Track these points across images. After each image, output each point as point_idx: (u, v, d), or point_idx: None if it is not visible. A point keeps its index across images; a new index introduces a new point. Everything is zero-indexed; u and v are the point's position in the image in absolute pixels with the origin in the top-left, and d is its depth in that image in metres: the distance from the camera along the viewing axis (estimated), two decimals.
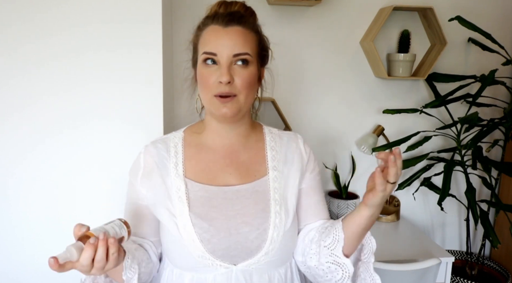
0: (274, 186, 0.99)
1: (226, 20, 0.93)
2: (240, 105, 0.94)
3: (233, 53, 0.92)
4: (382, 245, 1.71)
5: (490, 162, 1.77)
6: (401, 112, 1.85)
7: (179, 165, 1.00)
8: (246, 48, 0.93)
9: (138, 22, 1.35)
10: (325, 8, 1.87)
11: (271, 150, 1.04)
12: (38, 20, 1.31)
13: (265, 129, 1.09)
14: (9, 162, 1.38)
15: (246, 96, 0.94)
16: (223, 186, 0.98)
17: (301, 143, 1.08)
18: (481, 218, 1.68)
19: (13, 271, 1.44)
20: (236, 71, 0.93)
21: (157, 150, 1.01)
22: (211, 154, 1.02)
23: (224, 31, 0.93)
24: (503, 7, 2.01)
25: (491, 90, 1.99)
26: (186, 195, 0.96)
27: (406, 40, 1.89)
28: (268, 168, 1.01)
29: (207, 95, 0.94)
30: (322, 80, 1.94)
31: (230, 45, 0.92)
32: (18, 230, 1.42)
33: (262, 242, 0.94)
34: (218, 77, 0.91)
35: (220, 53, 0.92)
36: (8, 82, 1.34)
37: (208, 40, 0.94)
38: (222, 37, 0.92)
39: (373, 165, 2.06)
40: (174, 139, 1.04)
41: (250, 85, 0.94)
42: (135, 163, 1.03)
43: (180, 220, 0.94)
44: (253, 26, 0.97)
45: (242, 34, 0.93)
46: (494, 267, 2.02)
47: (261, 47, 0.99)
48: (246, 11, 1.00)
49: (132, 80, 1.38)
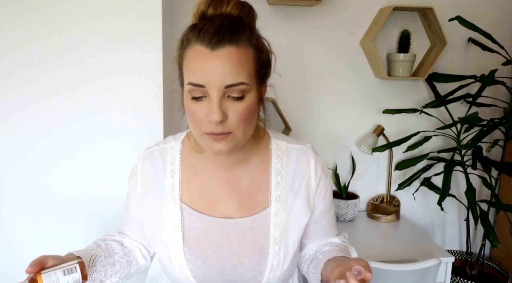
0: (275, 222, 0.90)
1: (215, 41, 0.75)
2: (236, 141, 0.81)
3: (225, 84, 0.75)
4: (382, 245, 1.71)
5: (490, 162, 1.77)
6: (401, 112, 1.85)
7: (176, 188, 0.91)
8: (241, 76, 0.76)
9: (138, 18, 1.35)
10: (325, 8, 1.87)
11: (276, 175, 0.92)
12: (38, 16, 1.31)
13: (272, 143, 0.95)
14: (8, 161, 1.38)
15: (244, 131, 0.80)
16: (221, 217, 0.90)
17: (313, 164, 0.93)
18: (481, 218, 1.68)
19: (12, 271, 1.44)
20: (230, 105, 0.77)
21: (154, 167, 0.93)
22: (210, 179, 0.92)
23: (212, 56, 0.75)
24: (503, 7, 2.00)
25: (491, 90, 1.99)
26: (181, 224, 0.90)
27: (406, 40, 1.89)
28: (270, 200, 0.91)
29: (197, 132, 0.81)
30: (322, 80, 1.94)
31: (221, 73, 0.75)
32: (17, 230, 1.42)
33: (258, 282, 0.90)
34: (208, 114, 0.77)
35: (209, 84, 0.75)
36: (8, 81, 1.34)
37: (193, 67, 0.77)
38: (210, 64, 0.75)
39: (373, 165, 2.06)
40: (171, 153, 0.94)
41: (248, 118, 0.80)
42: (133, 177, 0.96)
43: (173, 253, 0.90)
44: (249, 40, 0.79)
45: (236, 56, 0.76)
46: (494, 267, 2.02)
47: (261, 64, 0.82)
48: (242, 9, 0.82)
49: (132, 76, 1.38)
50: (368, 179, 2.07)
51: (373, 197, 2.08)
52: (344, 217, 1.92)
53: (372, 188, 2.08)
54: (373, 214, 1.99)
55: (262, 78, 0.85)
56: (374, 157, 2.05)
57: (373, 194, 2.09)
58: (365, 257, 1.52)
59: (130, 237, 1.03)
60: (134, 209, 0.98)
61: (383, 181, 2.08)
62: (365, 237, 1.80)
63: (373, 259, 1.46)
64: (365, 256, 1.56)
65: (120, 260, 0.98)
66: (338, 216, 1.92)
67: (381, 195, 2.06)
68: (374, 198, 2.07)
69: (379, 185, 2.09)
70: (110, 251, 0.97)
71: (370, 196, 2.09)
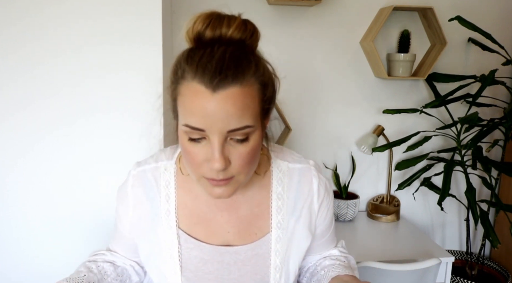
0: (276, 249, 0.85)
1: (217, 81, 0.65)
2: (239, 184, 0.74)
3: (228, 129, 0.67)
4: (382, 245, 1.71)
5: (490, 162, 1.77)
6: (401, 112, 1.85)
7: (172, 213, 0.85)
8: (245, 119, 0.68)
9: (138, 18, 1.35)
10: (325, 8, 1.87)
11: (277, 199, 0.86)
12: (37, 16, 1.31)
13: (273, 166, 0.88)
14: (8, 161, 1.38)
15: (246, 174, 0.74)
16: (220, 245, 0.86)
17: (315, 185, 0.88)
18: (481, 218, 1.68)
19: (12, 271, 1.44)
20: (232, 149, 0.70)
21: (146, 190, 0.86)
22: (208, 204, 0.86)
23: (213, 98, 0.65)
24: (503, 7, 2.00)
25: (491, 90, 1.99)
26: (179, 253, 0.85)
27: (406, 40, 1.89)
28: (271, 226, 0.86)
29: (195, 174, 0.74)
30: (322, 80, 1.94)
31: (224, 118, 0.66)
32: (16, 230, 1.42)
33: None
34: (208, 159, 0.69)
35: (209, 129, 0.67)
36: (8, 81, 1.34)
37: (190, 108, 0.67)
38: (212, 107, 0.65)
39: (373, 165, 2.06)
40: (165, 174, 0.87)
41: (252, 160, 0.73)
42: (123, 197, 0.89)
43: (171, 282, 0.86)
44: (255, 75, 0.69)
45: (241, 98, 0.66)
46: (494, 267, 2.02)
47: (266, 99, 0.73)
48: (245, 31, 0.70)
49: (132, 76, 1.38)
50: (368, 179, 2.07)
51: (373, 197, 2.08)
52: (344, 217, 1.92)
53: (372, 188, 2.08)
54: (373, 214, 1.99)
55: (267, 113, 0.76)
56: (374, 157, 2.05)
57: (373, 194, 2.09)
58: (365, 257, 1.52)
59: (122, 255, 0.97)
60: (126, 230, 0.91)
61: (383, 181, 2.09)
62: (365, 237, 1.80)
63: (373, 259, 1.46)
64: (365, 256, 1.56)
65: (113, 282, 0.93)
66: (338, 216, 1.92)
67: (381, 195, 2.06)
68: (374, 198, 2.07)
69: (379, 185, 2.09)
70: (102, 274, 0.91)
71: (370, 196, 2.09)
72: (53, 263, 1.46)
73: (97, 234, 1.45)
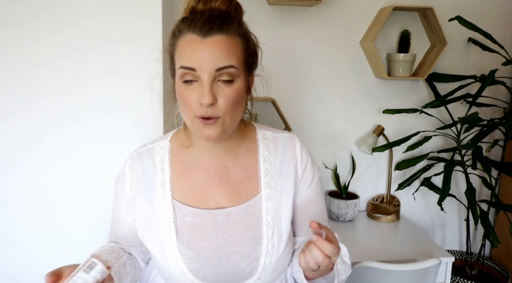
0: (266, 207, 0.92)
1: (205, 29, 0.80)
2: (225, 127, 0.85)
3: (216, 67, 0.80)
4: (382, 245, 1.71)
5: (490, 162, 1.77)
6: (401, 112, 1.85)
7: (167, 184, 0.93)
8: (230, 60, 0.81)
9: (138, 19, 1.35)
10: (325, 8, 1.87)
11: (265, 162, 0.95)
12: (37, 16, 1.31)
13: (258, 134, 0.98)
14: (8, 161, 1.38)
15: (231, 116, 0.84)
16: (213, 209, 0.92)
17: (298, 149, 0.97)
18: (481, 218, 1.68)
19: (12, 271, 1.44)
20: (220, 89, 0.82)
21: (143, 166, 0.95)
22: (200, 172, 0.94)
23: (203, 43, 0.80)
24: (503, 7, 2.00)
25: (491, 90, 1.99)
26: (174, 220, 0.91)
27: (406, 40, 1.89)
28: (260, 186, 0.93)
29: (188, 115, 0.85)
30: (322, 80, 1.94)
31: (211, 58, 0.80)
32: (16, 230, 1.42)
33: (254, 269, 0.91)
34: (199, 97, 0.81)
35: (200, 67, 0.80)
36: (8, 81, 1.34)
37: (184, 53, 0.82)
38: (201, 49, 0.80)
39: (373, 165, 2.06)
40: (160, 151, 0.96)
41: (236, 103, 0.84)
42: (121, 179, 0.97)
43: (167, 249, 0.90)
44: (238, 30, 0.84)
45: (225, 44, 0.81)
46: (494, 267, 2.02)
47: (249, 53, 0.87)
48: (230, 4, 0.86)
49: (133, 77, 1.38)
50: (368, 179, 2.07)
51: (373, 197, 2.08)
52: (344, 217, 1.92)
53: (372, 188, 2.08)
54: (373, 214, 1.99)
55: (250, 67, 0.89)
56: (374, 157, 2.05)
57: (373, 194, 2.09)
58: (365, 257, 1.53)
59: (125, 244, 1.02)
60: (123, 214, 0.97)
61: (383, 181, 2.09)
62: (365, 237, 1.80)
63: (373, 259, 1.46)
64: (365, 256, 1.56)
65: (128, 261, 0.97)
66: (338, 216, 1.92)
67: (381, 195, 2.07)
68: (374, 198, 2.07)
69: (379, 185, 2.09)
70: (116, 254, 0.95)
71: (370, 196, 2.09)
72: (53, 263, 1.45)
73: (97, 234, 1.45)
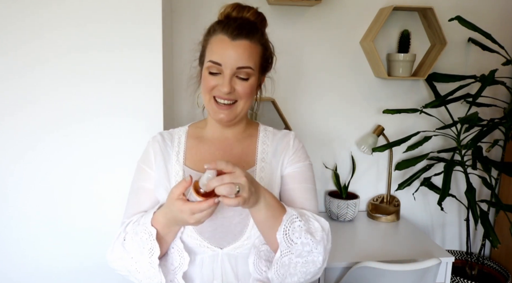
0: (260, 176, 1.07)
1: (235, 34, 0.99)
2: (237, 111, 1.04)
3: (237, 66, 0.99)
4: (382, 245, 1.71)
5: (490, 162, 1.77)
6: (401, 112, 1.85)
7: (181, 153, 1.10)
8: (249, 62, 1.00)
9: (139, 22, 1.35)
10: (325, 8, 1.87)
11: (262, 144, 1.13)
12: (39, 19, 1.32)
13: (260, 127, 1.17)
14: (8, 161, 1.38)
15: (244, 102, 1.04)
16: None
17: (292, 139, 1.13)
18: (481, 218, 1.68)
19: (12, 271, 1.44)
20: (237, 82, 1.01)
21: (163, 138, 1.12)
22: (209, 146, 1.11)
23: (231, 44, 0.99)
24: (503, 7, 2.01)
25: (491, 90, 1.99)
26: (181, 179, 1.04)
27: (406, 40, 1.89)
28: (256, 160, 1.09)
29: (207, 95, 1.04)
30: (322, 80, 1.94)
31: (235, 58, 0.99)
32: (16, 230, 1.42)
33: (244, 227, 1.02)
34: (220, 86, 1.00)
35: (225, 64, 0.99)
36: (8, 81, 1.34)
37: (215, 49, 1.01)
38: (229, 49, 0.99)
39: (373, 165, 2.06)
40: (179, 132, 1.15)
41: (250, 94, 1.04)
42: (145, 152, 1.13)
43: None
44: (260, 39, 1.04)
45: (248, 48, 1.00)
46: (494, 267, 2.02)
47: (265, 58, 1.07)
48: (258, 17, 1.06)
49: (132, 79, 1.38)
50: (368, 179, 2.07)
51: (373, 197, 2.08)
52: (344, 217, 1.92)
53: (372, 188, 2.08)
54: (373, 214, 1.99)
55: (264, 70, 1.09)
56: (374, 157, 2.05)
57: (373, 194, 2.09)
58: (365, 257, 1.53)
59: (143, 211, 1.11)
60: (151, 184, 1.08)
61: (383, 181, 2.09)
62: (365, 237, 1.80)
63: (373, 259, 1.46)
64: (365, 256, 1.56)
65: None
66: (338, 216, 1.93)
67: (381, 195, 2.07)
68: (374, 198, 2.07)
69: (379, 185, 2.09)
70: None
71: (370, 196, 2.09)
72: (53, 263, 1.46)
73: (97, 234, 1.45)
